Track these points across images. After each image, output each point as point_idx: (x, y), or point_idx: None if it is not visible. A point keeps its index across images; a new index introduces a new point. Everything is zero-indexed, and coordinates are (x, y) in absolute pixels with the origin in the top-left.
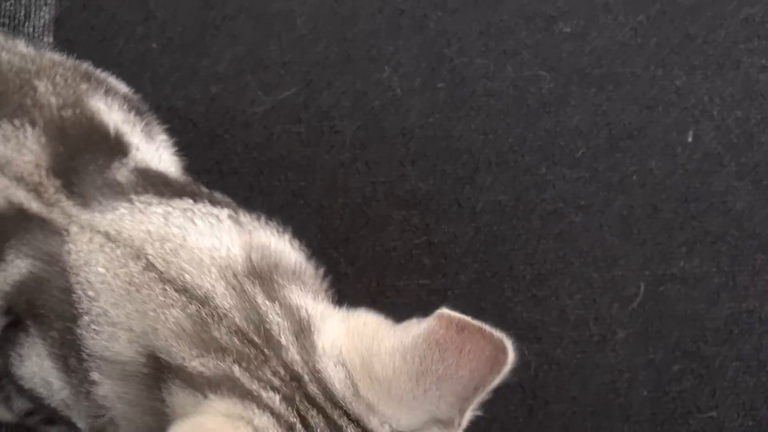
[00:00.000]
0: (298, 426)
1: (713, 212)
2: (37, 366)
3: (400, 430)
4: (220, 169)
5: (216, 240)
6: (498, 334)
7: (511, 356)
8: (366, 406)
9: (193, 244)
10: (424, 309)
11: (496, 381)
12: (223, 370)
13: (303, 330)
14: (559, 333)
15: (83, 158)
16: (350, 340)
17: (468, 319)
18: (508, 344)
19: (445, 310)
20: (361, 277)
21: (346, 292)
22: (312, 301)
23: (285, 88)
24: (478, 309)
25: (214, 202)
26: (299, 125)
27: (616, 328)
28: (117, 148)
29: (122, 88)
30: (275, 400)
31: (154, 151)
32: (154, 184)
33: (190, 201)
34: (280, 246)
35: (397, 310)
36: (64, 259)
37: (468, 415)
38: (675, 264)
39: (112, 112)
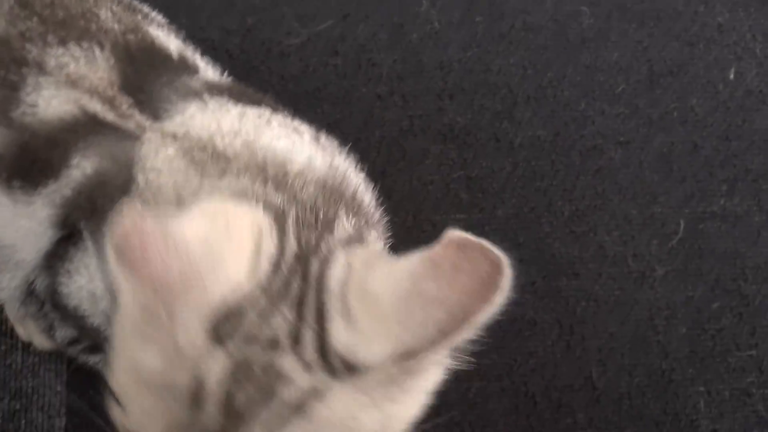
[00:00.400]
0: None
1: (754, 150)
2: (85, 278)
3: (357, 361)
4: None
5: (293, 147)
6: (498, 252)
7: (507, 279)
8: (345, 313)
9: (267, 144)
10: None
11: (487, 313)
12: None
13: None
14: (597, 269)
15: (151, 77)
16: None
17: (470, 236)
18: (507, 265)
19: (450, 231)
20: (398, 211)
21: None
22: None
23: (321, 20)
24: (515, 244)
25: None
26: (336, 57)
27: (655, 265)
28: (183, 67)
29: (162, 20)
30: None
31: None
32: (229, 90)
33: (270, 111)
34: (354, 176)
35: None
36: (133, 157)
37: (442, 358)
38: (715, 202)
39: (170, 40)
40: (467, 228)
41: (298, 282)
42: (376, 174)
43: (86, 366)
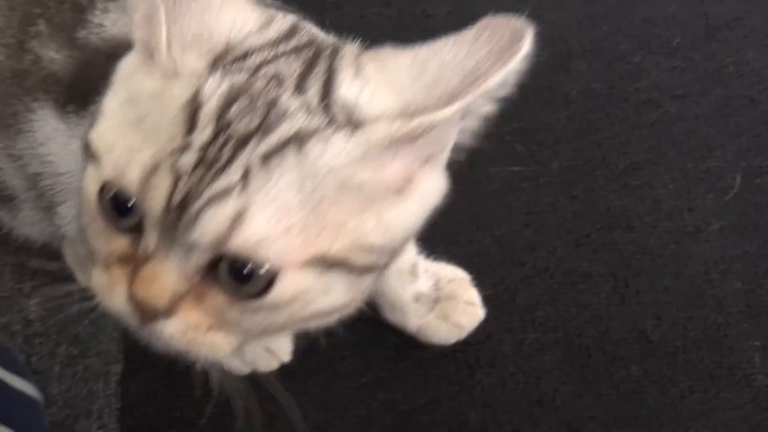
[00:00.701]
0: None
1: None
2: None
3: (361, 114)
4: None
5: None
6: (522, 21)
7: (526, 46)
8: (355, 71)
9: None
10: (515, 195)
11: (500, 77)
12: None
13: None
14: (652, 222)
15: None
16: None
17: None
18: (529, 32)
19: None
20: (452, 164)
21: None
22: None
23: None
24: (570, 197)
25: None
26: (390, 8)
27: (710, 219)
28: None
29: None
30: None
31: None
32: None
33: None
34: None
35: (489, 196)
36: None
37: (453, 114)
38: None
39: None
40: (522, 180)
41: (310, 52)
42: None
43: None
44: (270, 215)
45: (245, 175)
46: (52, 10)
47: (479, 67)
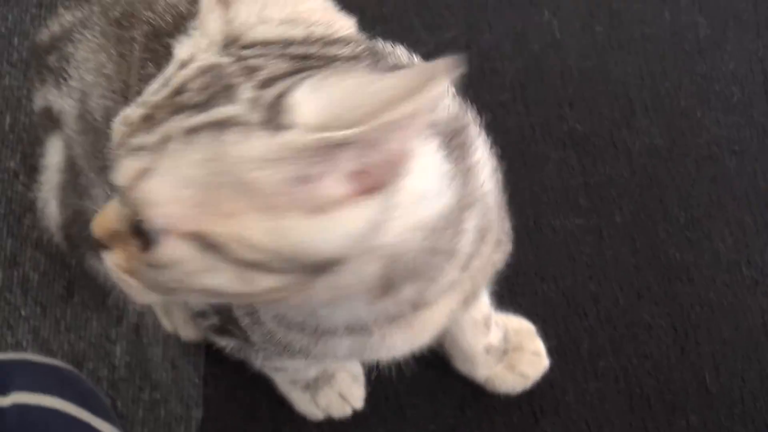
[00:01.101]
0: None
1: None
2: None
3: (293, 117)
4: None
5: None
6: (453, 62)
7: (439, 87)
8: (314, 83)
9: None
10: (579, 247)
11: (407, 108)
12: None
13: None
14: (711, 275)
15: None
16: None
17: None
18: (445, 73)
19: None
20: (518, 215)
21: None
22: None
23: (447, 29)
24: (632, 249)
25: None
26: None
27: None
28: None
29: None
30: None
31: None
32: None
33: None
34: None
35: (554, 248)
36: None
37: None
38: None
39: None
40: (586, 232)
41: (320, 62)
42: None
43: (223, 357)
44: (169, 182)
45: (164, 141)
46: (160, 53)
47: (392, 100)
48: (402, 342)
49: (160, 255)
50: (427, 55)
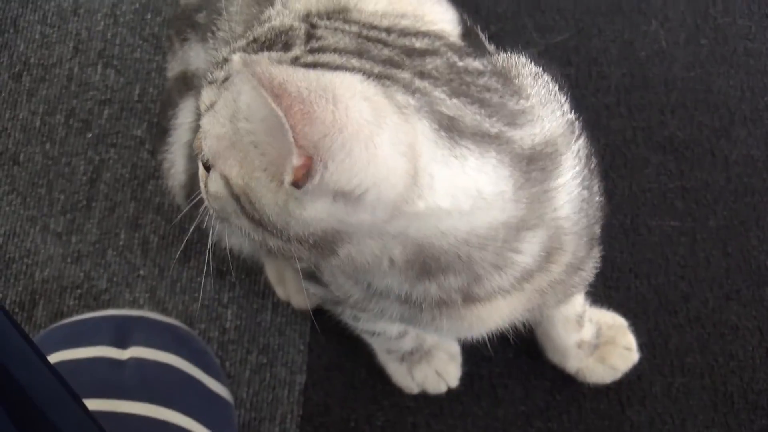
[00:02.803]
0: None
1: None
2: None
3: None
4: None
5: None
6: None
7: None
8: None
9: None
10: (673, 248)
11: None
12: None
13: None
14: None
15: None
16: None
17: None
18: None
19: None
20: (616, 213)
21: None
22: None
23: (558, 32)
24: (723, 253)
25: None
26: (569, 67)
27: None
28: None
29: None
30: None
31: None
32: None
33: None
34: None
35: (649, 247)
36: None
37: None
38: None
39: None
40: (680, 234)
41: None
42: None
43: (328, 327)
44: (216, 119)
45: (225, 79)
46: None
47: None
48: (450, 328)
49: (209, 186)
50: (538, 56)
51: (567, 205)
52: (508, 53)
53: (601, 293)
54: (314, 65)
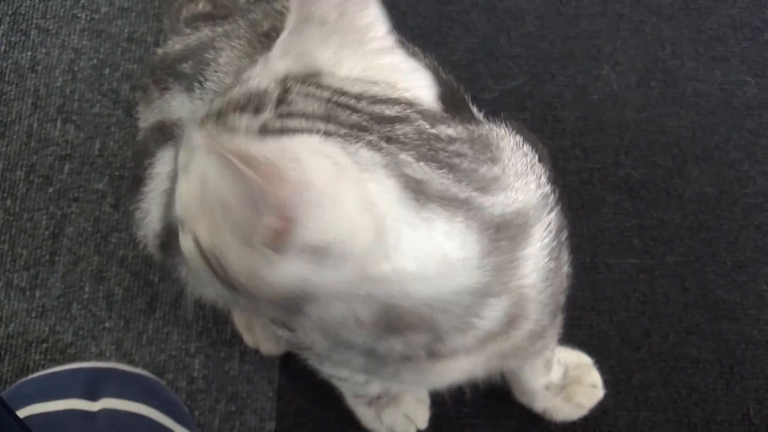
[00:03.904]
0: None
1: None
2: None
3: None
4: None
5: None
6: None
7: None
8: None
9: None
10: (632, 285)
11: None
12: None
13: None
14: (756, 315)
15: None
16: None
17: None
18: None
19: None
20: (576, 252)
21: None
22: None
23: (513, 78)
24: (682, 288)
25: None
26: (525, 112)
27: None
28: None
29: None
30: None
31: None
32: None
33: None
34: None
35: (609, 285)
36: None
37: None
38: None
39: None
40: (639, 271)
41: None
42: None
43: (297, 373)
44: (187, 182)
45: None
46: None
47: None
48: (413, 380)
49: (181, 243)
50: (493, 101)
51: (533, 275)
52: (490, 124)
53: (564, 332)
54: (281, 131)
